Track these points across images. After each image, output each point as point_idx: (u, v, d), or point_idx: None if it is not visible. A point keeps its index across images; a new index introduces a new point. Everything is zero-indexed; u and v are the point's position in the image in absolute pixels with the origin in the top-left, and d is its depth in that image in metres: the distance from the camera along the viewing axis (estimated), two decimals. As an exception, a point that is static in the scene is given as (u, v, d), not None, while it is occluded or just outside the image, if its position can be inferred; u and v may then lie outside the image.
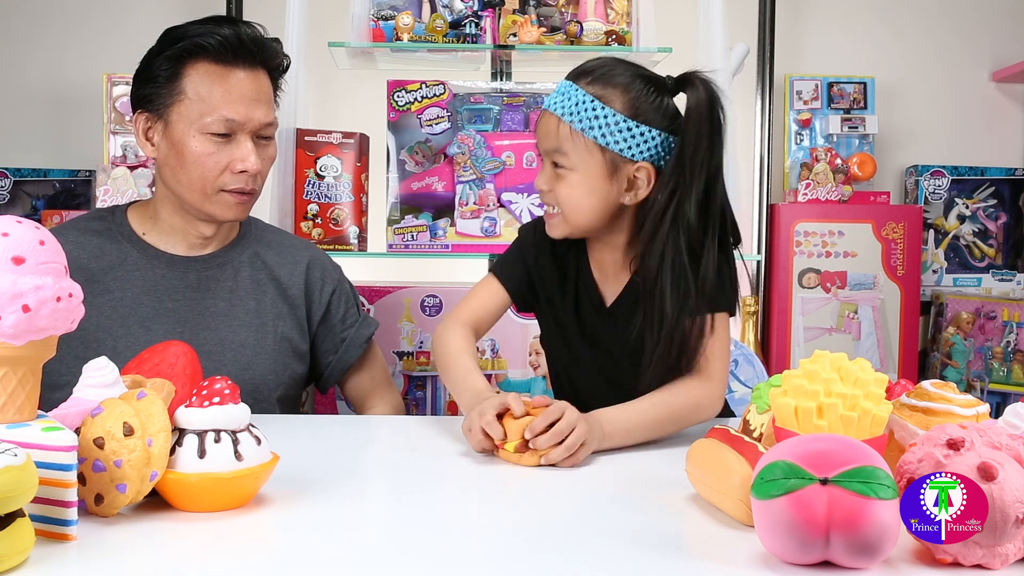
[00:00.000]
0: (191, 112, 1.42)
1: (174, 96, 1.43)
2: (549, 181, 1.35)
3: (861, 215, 2.66)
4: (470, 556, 0.83)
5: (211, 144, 1.43)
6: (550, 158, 1.35)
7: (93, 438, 0.87)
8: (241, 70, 1.44)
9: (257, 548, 0.86)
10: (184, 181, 1.45)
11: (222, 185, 1.45)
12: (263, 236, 1.61)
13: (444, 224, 2.26)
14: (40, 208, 2.76)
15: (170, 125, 1.44)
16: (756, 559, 0.80)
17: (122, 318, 1.46)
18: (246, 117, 1.43)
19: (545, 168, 1.37)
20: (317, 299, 1.60)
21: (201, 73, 1.43)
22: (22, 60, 2.90)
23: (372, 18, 2.28)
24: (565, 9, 2.34)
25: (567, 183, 1.34)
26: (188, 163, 1.43)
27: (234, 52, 1.43)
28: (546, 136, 1.35)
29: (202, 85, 1.42)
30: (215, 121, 1.42)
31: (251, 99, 1.44)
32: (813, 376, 0.88)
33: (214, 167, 1.43)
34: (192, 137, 1.42)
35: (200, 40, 1.43)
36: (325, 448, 1.24)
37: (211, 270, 1.52)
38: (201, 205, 1.47)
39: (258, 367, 1.51)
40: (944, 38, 3.03)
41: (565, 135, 1.32)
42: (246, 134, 1.44)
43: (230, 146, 1.44)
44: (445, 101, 2.24)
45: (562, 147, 1.33)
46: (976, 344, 2.71)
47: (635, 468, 1.16)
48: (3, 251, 0.81)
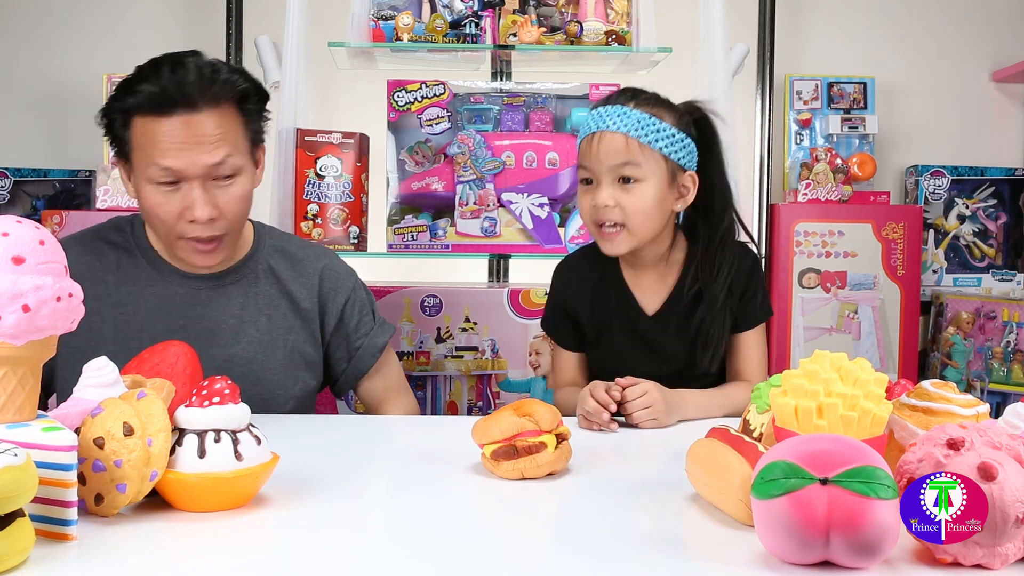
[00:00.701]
0: (139, 163, 1.41)
1: (128, 146, 1.43)
2: (615, 197, 1.48)
3: (861, 215, 2.66)
4: (470, 556, 0.83)
5: (160, 194, 1.40)
6: (617, 173, 1.48)
7: (93, 438, 0.87)
8: (174, 118, 1.38)
9: (257, 548, 0.86)
10: (152, 225, 1.47)
11: (180, 233, 1.43)
12: (278, 247, 1.60)
13: (444, 224, 2.26)
14: (40, 208, 2.76)
15: (132, 173, 1.44)
16: (756, 559, 0.80)
17: (134, 333, 1.47)
18: (186, 163, 1.38)
19: (605, 187, 1.49)
20: (330, 309, 1.59)
21: (139, 126, 1.40)
22: (22, 60, 2.90)
23: (372, 18, 2.28)
24: (565, 9, 2.34)
25: (637, 195, 1.48)
26: (147, 212, 1.44)
27: (159, 104, 1.38)
28: (612, 154, 1.47)
29: (142, 137, 1.40)
30: (155, 171, 1.39)
31: (187, 145, 1.38)
32: (813, 376, 0.88)
33: (167, 216, 1.41)
34: (144, 187, 1.41)
35: (130, 99, 1.40)
36: (325, 448, 1.24)
37: (224, 287, 1.53)
38: (172, 250, 1.48)
39: (267, 382, 1.52)
40: (944, 38, 3.03)
41: (635, 149, 1.47)
42: (193, 181, 1.40)
43: (179, 193, 1.41)
44: (445, 101, 2.24)
45: (634, 159, 1.47)
46: (976, 344, 2.71)
47: (635, 468, 1.16)
48: (3, 251, 0.81)
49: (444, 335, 2.21)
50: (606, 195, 1.48)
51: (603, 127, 1.48)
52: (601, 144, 1.48)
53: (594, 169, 1.50)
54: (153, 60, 1.42)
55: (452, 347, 2.21)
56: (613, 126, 1.47)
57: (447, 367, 2.20)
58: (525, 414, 1.11)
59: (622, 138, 1.47)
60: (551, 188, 2.26)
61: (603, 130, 1.48)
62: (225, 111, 1.41)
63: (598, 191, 1.49)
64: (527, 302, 2.23)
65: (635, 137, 1.46)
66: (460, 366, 2.20)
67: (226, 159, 1.40)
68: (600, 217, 1.50)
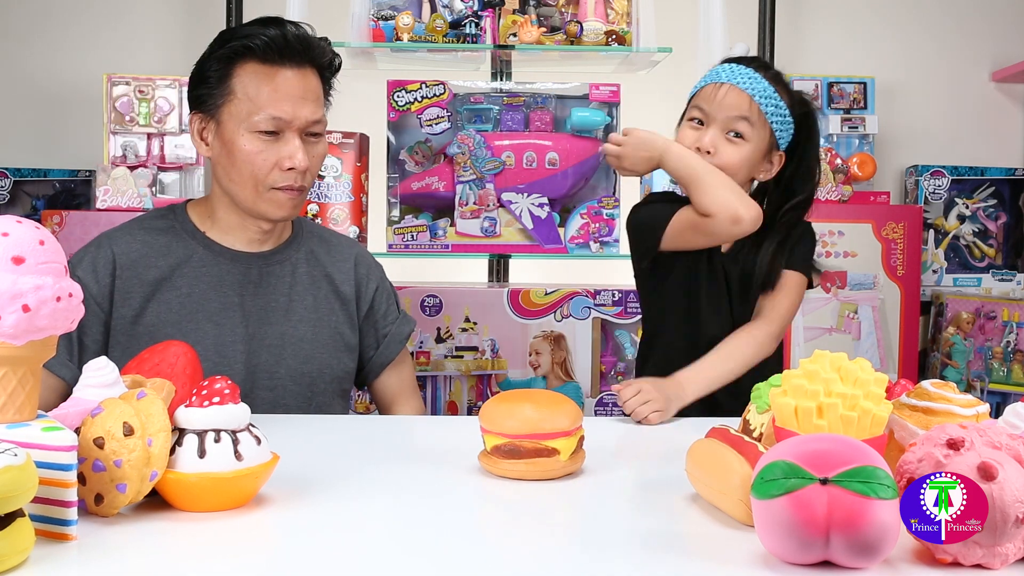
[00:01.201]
0: (240, 111, 1.45)
1: (224, 96, 1.47)
2: (715, 144, 1.57)
3: (861, 215, 2.66)
4: (470, 556, 0.83)
5: (260, 142, 1.46)
6: (729, 126, 1.57)
7: (93, 438, 0.87)
8: (288, 69, 1.46)
9: (257, 548, 0.86)
10: (236, 179, 1.48)
11: (272, 183, 1.47)
12: (314, 233, 1.66)
13: (444, 224, 2.26)
14: (40, 208, 2.76)
15: (221, 125, 1.48)
16: (756, 559, 0.80)
17: (191, 313, 1.49)
18: (292, 115, 1.46)
19: (714, 131, 1.57)
20: (364, 294, 1.64)
21: (249, 73, 1.46)
22: (22, 60, 2.90)
23: (372, 18, 2.28)
24: (565, 9, 2.34)
25: (737, 151, 1.57)
26: (239, 161, 1.47)
27: (280, 52, 1.46)
28: (733, 106, 1.57)
29: (250, 85, 1.45)
30: (263, 119, 1.44)
31: (297, 97, 1.46)
32: (813, 376, 0.88)
33: (263, 165, 1.46)
34: (241, 136, 1.46)
35: (247, 41, 1.46)
36: (325, 448, 1.24)
37: (271, 266, 1.56)
38: (253, 203, 1.50)
39: (316, 361, 1.56)
40: (944, 38, 3.03)
41: (755, 112, 1.57)
42: (293, 132, 1.47)
43: (278, 144, 1.46)
44: (445, 101, 2.24)
45: (749, 117, 1.56)
46: (976, 344, 2.71)
47: (635, 468, 1.16)
48: (3, 251, 0.81)
49: (444, 335, 2.21)
50: (710, 139, 1.57)
51: (733, 80, 1.58)
52: (728, 95, 1.57)
53: (711, 113, 1.58)
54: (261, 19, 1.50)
55: (452, 347, 2.21)
56: (742, 84, 1.57)
57: (447, 367, 2.21)
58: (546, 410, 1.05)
59: (747, 97, 1.57)
60: (551, 188, 2.26)
61: (732, 83, 1.58)
62: (316, 74, 1.51)
63: (705, 132, 1.58)
64: (527, 302, 2.23)
65: (757, 101, 1.57)
66: (460, 366, 2.21)
67: (321, 117, 1.51)
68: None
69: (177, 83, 2.69)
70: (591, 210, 2.27)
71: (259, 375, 1.51)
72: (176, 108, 2.70)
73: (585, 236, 2.27)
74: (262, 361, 1.51)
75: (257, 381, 1.51)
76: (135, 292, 1.48)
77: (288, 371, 1.53)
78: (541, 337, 2.21)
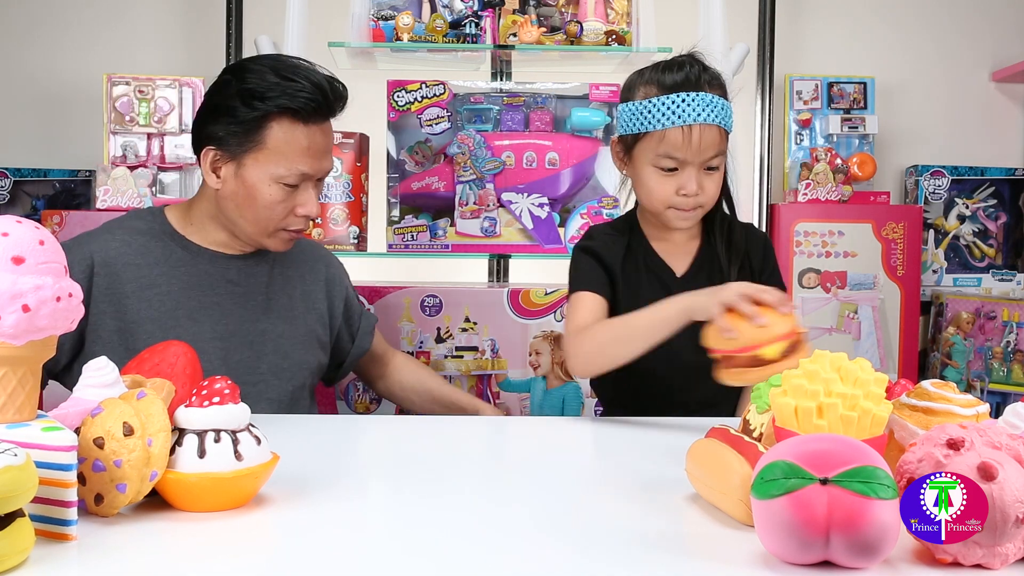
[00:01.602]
0: (268, 162, 1.48)
1: (253, 143, 1.48)
2: (700, 183, 1.50)
3: (861, 215, 2.66)
4: (470, 555, 0.83)
5: (282, 192, 1.50)
6: (705, 163, 1.50)
7: (93, 438, 0.87)
8: (318, 126, 1.51)
9: (257, 548, 0.86)
10: (249, 218, 1.52)
11: (284, 226, 1.53)
12: None
13: (444, 224, 2.26)
14: (40, 208, 2.76)
15: (243, 168, 1.49)
16: (756, 559, 0.80)
17: (171, 311, 1.52)
18: (317, 169, 1.52)
19: (694, 174, 1.49)
20: (337, 293, 1.72)
21: (284, 128, 1.48)
22: (22, 60, 2.90)
23: (372, 18, 2.28)
24: (565, 9, 2.34)
25: (716, 178, 1.53)
26: (258, 206, 1.50)
27: (314, 112, 1.49)
28: (710, 146, 1.49)
29: (282, 141, 1.48)
30: (291, 175, 1.49)
31: (324, 152, 1.52)
32: (813, 376, 0.88)
33: (282, 211, 1.51)
34: (266, 185, 1.49)
35: (288, 102, 1.46)
36: (325, 448, 1.24)
37: (248, 267, 1.60)
38: (257, 239, 1.55)
39: (295, 355, 1.61)
40: (944, 38, 3.03)
41: (723, 137, 1.51)
42: (310, 182, 1.52)
43: (297, 193, 1.52)
44: (445, 101, 2.24)
45: (722, 148, 1.51)
46: (976, 344, 2.71)
47: (635, 468, 1.16)
48: (3, 251, 0.81)
49: (444, 335, 2.21)
50: (695, 183, 1.49)
51: (702, 120, 1.47)
52: (703, 137, 1.47)
53: (687, 159, 1.48)
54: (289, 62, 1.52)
55: (452, 347, 2.21)
56: (709, 118, 1.47)
57: (447, 367, 2.20)
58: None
59: (717, 130, 1.49)
60: (551, 188, 2.26)
61: (703, 124, 1.47)
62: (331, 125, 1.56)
63: (686, 178, 1.49)
64: (527, 302, 2.23)
65: (724, 127, 1.50)
66: (460, 366, 2.20)
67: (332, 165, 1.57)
68: (685, 203, 1.51)
69: (177, 83, 2.69)
70: (591, 210, 2.27)
71: (240, 371, 1.52)
72: (176, 108, 2.69)
73: (585, 236, 2.27)
74: (243, 357, 1.55)
75: (238, 377, 1.50)
76: (113, 291, 1.50)
77: (269, 367, 1.57)
78: (541, 337, 2.21)
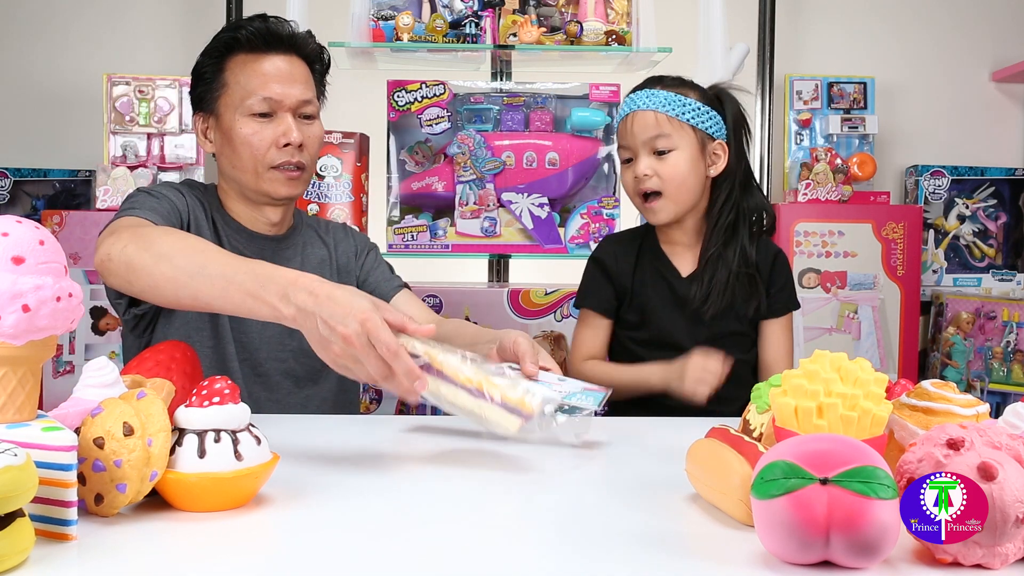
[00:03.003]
0: (234, 99, 1.55)
1: (220, 90, 1.56)
2: (651, 167, 1.64)
3: (861, 215, 2.66)
4: (470, 555, 0.83)
5: (255, 124, 1.54)
6: (651, 147, 1.64)
7: (93, 438, 0.87)
8: (275, 55, 1.56)
9: (257, 548, 0.86)
10: (238, 165, 1.56)
11: (271, 162, 1.55)
12: (312, 220, 1.76)
13: (444, 224, 2.26)
14: (40, 208, 2.76)
15: (220, 117, 1.57)
16: (756, 559, 0.80)
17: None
18: (283, 94, 1.54)
19: (643, 158, 1.65)
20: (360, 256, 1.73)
21: (239, 63, 1.56)
22: (22, 60, 2.90)
23: (372, 18, 2.28)
24: (565, 9, 2.34)
25: (671, 162, 1.64)
26: (238, 146, 1.55)
27: (265, 40, 1.56)
28: (644, 129, 1.64)
29: (241, 73, 1.55)
30: (255, 102, 1.53)
31: (286, 78, 1.55)
32: (813, 376, 0.88)
33: (260, 145, 1.54)
34: (238, 121, 1.54)
35: (234, 34, 1.56)
36: (325, 448, 1.24)
37: (282, 250, 1.64)
38: (256, 185, 1.57)
39: None
40: (944, 38, 3.03)
41: (663, 121, 1.64)
42: (286, 111, 1.55)
43: (273, 123, 1.55)
44: (445, 101, 2.24)
45: (664, 131, 1.63)
46: (976, 344, 2.71)
47: (635, 468, 1.16)
48: (3, 251, 0.81)
49: (444, 335, 2.21)
50: (643, 165, 1.64)
51: (635, 108, 1.66)
52: (635, 122, 1.65)
53: (631, 145, 1.66)
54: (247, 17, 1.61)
55: (452, 347, 2.21)
56: (643, 105, 1.65)
57: (447, 367, 2.20)
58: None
59: (652, 115, 1.64)
60: (551, 188, 2.26)
61: (635, 111, 1.66)
62: (304, 63, 1.60)
63: (637, 163, 1.65)
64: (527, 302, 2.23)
65: (663, 112, 1.64)
66: (460, 366, 2.20)
67: (312, 99, 1.59)
68: (641, 187, 1.65)
69: (177, 83, 2.69)
70: (591, 210, 2.27)
71: (272, 346, 1.58)
72: (176, 108, 2.69)
73: (585, 236, 2.27)
74: (275, 332, 1.57)
75: (270, 353, 1.58)
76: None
77: (299, 342, 1.57)
78: (541, 337, 2.21)
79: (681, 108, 1.64)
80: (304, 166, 1.58)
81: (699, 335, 1.65)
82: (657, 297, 1.69)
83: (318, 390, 1.63)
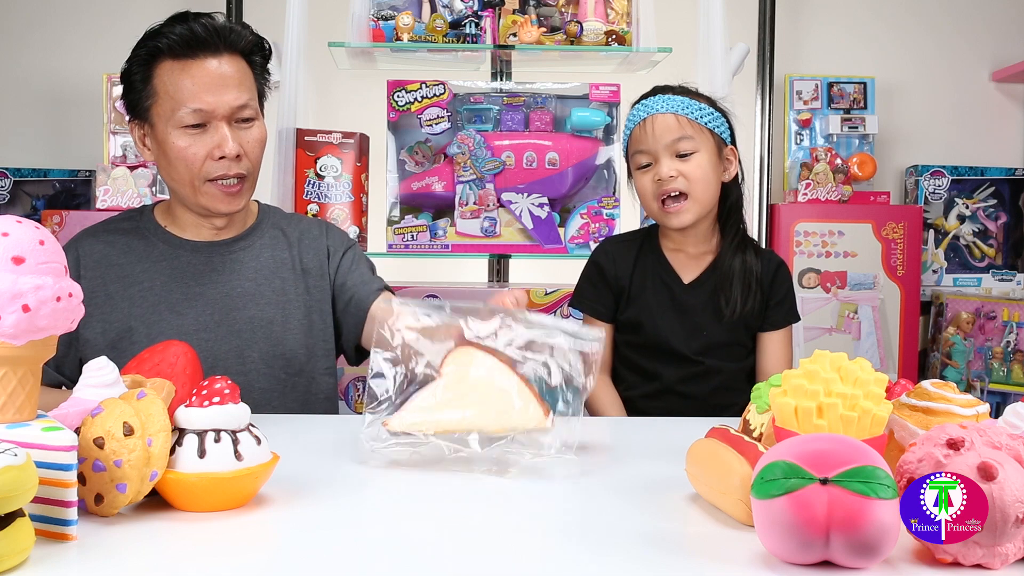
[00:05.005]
0: (165, 110, 1.47)
1: (151, 98, 1.48)
2: (675, 168, 1.63)
3: (861, 215, 2.66)
4: (470, 556, 0.83)
5: (187, 137, 1.47)
6: (674, 149, 1.63)
7: (93, 438, 0.87)
8: (202, 60, 1.47)
9: (257, 548, 0.86)
10: (175, 177, 1.51)
11: (207, 175, 1.49)
12: (281, 217, 1.68)
13: (444, 224, 2.26)
14: (40, 208, 2.76)
15: (154, 127, 1.50)
16: (756, 559, 0.80)
17: (153, 306, 1.52)
18: (214, 104, 1.46)
19: (665, 161, 1.63)
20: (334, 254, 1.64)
21: (166, 71, 1.47)
22: (22, 60, 2.90)
23: (372, 18, 2.27)
24: (565, 9, 2.34)
25: (695, 163, 1.63)
26: (173, 159, 1.48)
27: (189, 45, 1.46)
28: (667, 131, 1.63)
29: (169, 82, 1.47)
30: (185, 114, 1.46)
31: (216, 85, 1.46)
32: (813, 376, 0.88)
33: (194, 159, 1.47)
34: (170, 134, 1.47)
35: (156, 42, 1.47)
36: (325, 448, 1.24)
37: (234, 253, 1.58)
38: (195, 199, 1.52)
39: (287, 343, 1.57)
40: (944, 38, 3.03)
41: (685, 124, 1.64)
42: (219, 120, 1.47)
43: (206, 135, 1.47)
44: (445, 101, 2.24)
45: (687, 133, 1.63)
46: (976, 344, 2.71)
47: (635, 468, 1.16)
48: (3, 251, 0.81)
49: (444, 335, 2.20)
50: (668, 167, 1.62)
51: (653, 112, 1.65)
52: (655, 126, 1.64)
53: (652, 149, 1.64)
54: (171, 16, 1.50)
55: (452, 347, 2.20)
56: (662, 109, 1.64)
57: (447, 367, 2.20)
58: None
59: (672, 117, 1.64)
60: (551, 188, 2.26)
61: (653, 114, 1.65)
62: (239, 59, 1.50)
63: (659, 166, 1.63)
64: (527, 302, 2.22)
65: (684, 115, 1.64)
66: (460, 366, 2.20)
67: (248, 102, 1.50)
68: (664, 190, 1.63)
69: (177, 83, 2.69)
70: (591, 210, 2.27)
71: (228, 360, 1.52)
72: (176, 108, 2.69)
73: (585, 236, 2.27)
74: (231, 347, 1.53)
75: (227, 367, 1.52)
76: (99, 291, 1.51)
77: (260, 354, 1.55)
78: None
79: (699, 112, 1.65)
80: (245, 175, 1.51)
81: (695, 342, 1.65)
82: (656, 302, 1.69)
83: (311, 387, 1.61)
